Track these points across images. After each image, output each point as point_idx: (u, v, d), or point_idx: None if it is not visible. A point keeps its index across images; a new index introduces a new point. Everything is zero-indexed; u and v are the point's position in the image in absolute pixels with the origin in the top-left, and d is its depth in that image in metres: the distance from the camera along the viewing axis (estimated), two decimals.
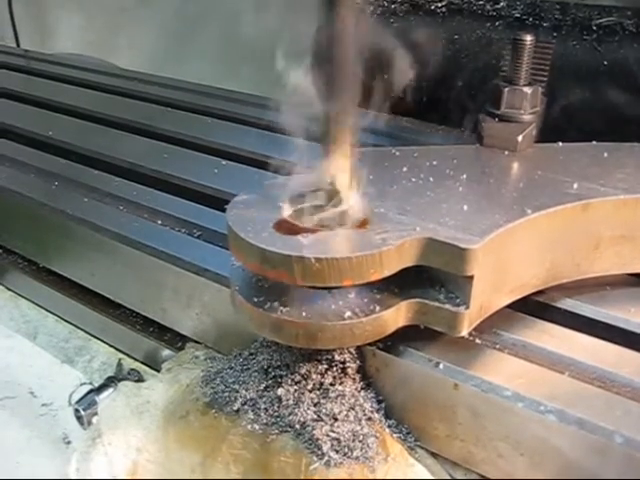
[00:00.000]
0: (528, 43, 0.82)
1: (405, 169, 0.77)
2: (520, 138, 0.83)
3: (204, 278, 0.79)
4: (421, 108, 1.21)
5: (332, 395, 0.67)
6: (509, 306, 0.72)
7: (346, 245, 0.62)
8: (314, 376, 0.68)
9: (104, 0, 2.32)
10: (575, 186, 0.74)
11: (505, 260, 0.67)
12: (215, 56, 2.06)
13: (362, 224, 0.65)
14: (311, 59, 0.65)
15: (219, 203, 0.87)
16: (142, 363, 0.91)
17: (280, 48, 0.67)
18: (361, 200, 0.67)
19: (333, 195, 0.67)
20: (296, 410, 0.67)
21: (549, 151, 0.84)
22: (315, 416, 0.67)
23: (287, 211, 0.67)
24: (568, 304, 0.74)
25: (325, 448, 0.64)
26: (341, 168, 0.66)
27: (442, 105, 1.21)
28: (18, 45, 2.42)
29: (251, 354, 0.73)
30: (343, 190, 0.67)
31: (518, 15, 1.20)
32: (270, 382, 0.70)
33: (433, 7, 1.27)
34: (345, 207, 0.67)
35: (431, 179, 0.75)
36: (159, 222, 0.92)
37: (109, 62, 1.87)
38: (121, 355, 0.93)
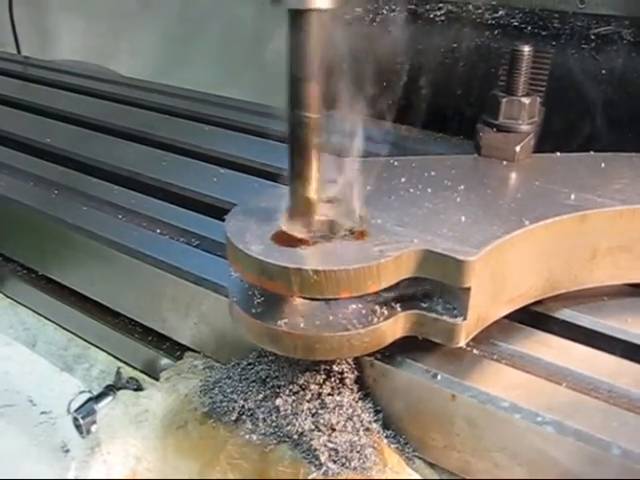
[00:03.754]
0: (526, 54, 0.83)
1: (403, 180, 0.78)
2: (518, 148, 0.83)
3: (203, 287, 0.79)
4: (419, 116, 1.21)
5: (330, 405, 0.67)
6: (507, 317, 0.72)
7: (344, 257, 0.62)
8: (312, 386, 0.68)
9: (105, 6, 2.32)
10: (573, 197, 0.74)
11: (503, 271, 0.67)
12: (216, 62, 2.07)
13: (360, 236, 0.65)
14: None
15: (218, 212, 0.88)
16: (141, 372, 0.91)
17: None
18: (359, 211, 0.67)
19: (331, 206, 0.67)
20: (294, 420, 0.67)
21: (547, 161, 0.84)
22: (313, 426, 0.67)
23: (285, 222, 0.67)
24: (566, 315, 0.75)
25: (323, 458, 0.64)
26: (337, 178, 0.66)
27: (440, 113, 1.21)
28: (19, 51, 2.42)
29: (249, 364, 0.73)
30: (341, 201, 0.67)
31: (517, 24, 1.20)
32: (268, 392, 0.70)
33: (432, 15, 1.28)
34: (343, 219, 0.67)
35: (429, 190, 0.75)
36: (158, 231, 0.92)
37: (109, 69, 1.87)
38: (120, 364, 0.93)
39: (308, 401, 0.68)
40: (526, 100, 0.84)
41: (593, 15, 1.17)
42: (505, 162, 0.83)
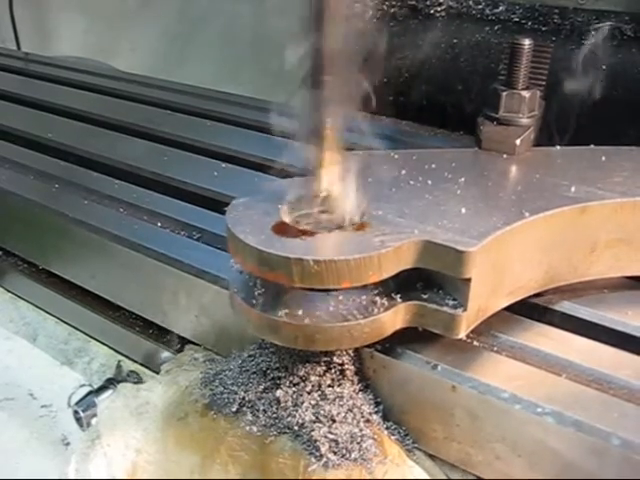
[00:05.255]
0: (526, 47, 0.83)
1: (404, 172, 0.78)
2: (518, 141, 0.83)
3: (203, 280, 0.79)
4: (421, 111, 1.22)
5: (330, 397, 0.67)
6: (507, 308, 0.72)
7: (344, 247, 0.62)
8: (312, 378, 0.68)
9: (106, 3, 2.32)
10: (573, 189, 0.74)
11: (503, 263, 0.67)
12: (217, 59, 2.07)
13: (361, 226, 0.66)
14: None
15: (218, 205, 0.88)
16: (141, 365, 0.91)
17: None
18: (360, 202, 0.68)
19: (332, 197, 0.67)
20: (294, 412, 0.67)
21: (547, 154, 0.84)
22: (313, 418, 0.67)
23: (286, 213, 0.68)
24: (565, 307, 0.75)
25: (323, 449, 0.64)
26: (338, 170, 0.66)
27: (441, 108, 1.21)
28: (19, 48, 2.42)
29: (250, 356, 0.73)
30: (342, 192, 0.67)
31: (517, 19, 1.20)
32: (269, 384, 0.70)
33: (432, 11, 1.28)
34: (344, 209, 0.67)
35: (429, 182, 0.76)
36: (159, 224, 0.92)
37: (110, 65, 1.87)
38: (120, 357, 0.93)
39: (308, 393, 0.68)
40: (526, 94, 0.84)
41: (593, 11, 1.17)
42: (505, 155, 0.83)
